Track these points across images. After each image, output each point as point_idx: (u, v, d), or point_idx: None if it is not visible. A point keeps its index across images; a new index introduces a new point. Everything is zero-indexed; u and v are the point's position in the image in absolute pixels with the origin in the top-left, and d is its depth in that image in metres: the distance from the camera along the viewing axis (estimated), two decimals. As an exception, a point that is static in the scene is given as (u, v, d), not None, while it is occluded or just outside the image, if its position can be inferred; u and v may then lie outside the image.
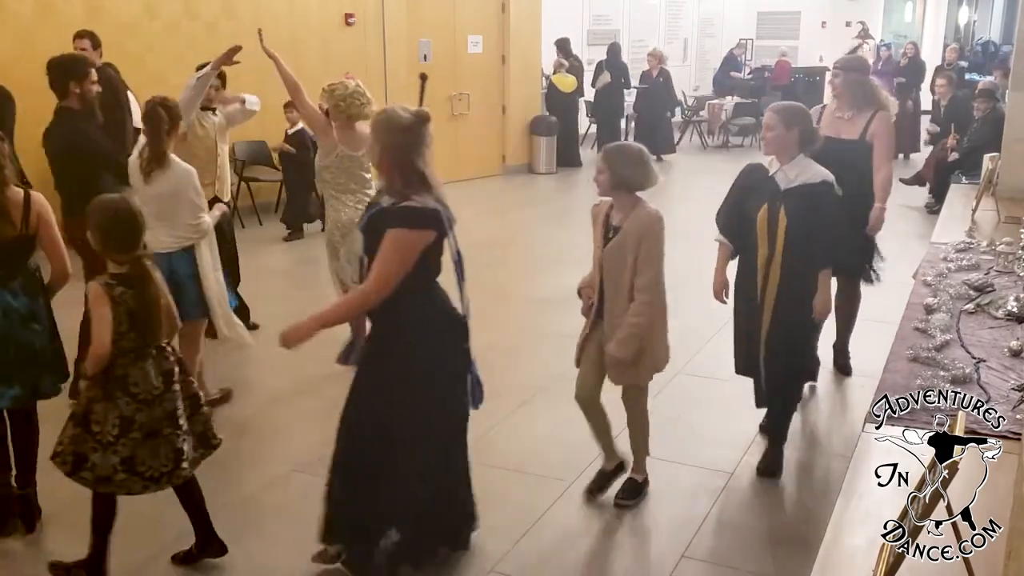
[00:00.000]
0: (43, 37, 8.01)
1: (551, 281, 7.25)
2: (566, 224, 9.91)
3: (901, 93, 13.50)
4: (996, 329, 3.41)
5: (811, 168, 3.86)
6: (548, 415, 4.82)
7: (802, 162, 3.88)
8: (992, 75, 11.97)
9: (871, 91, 4.79)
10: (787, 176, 3.87)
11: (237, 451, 4.30)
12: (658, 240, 3.60)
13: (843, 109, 4.81)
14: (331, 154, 5.09)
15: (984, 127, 9.05)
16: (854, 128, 4.74)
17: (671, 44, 17.04)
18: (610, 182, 3.60)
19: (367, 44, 10.72)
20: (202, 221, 4.47)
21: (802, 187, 3.83)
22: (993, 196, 5.63)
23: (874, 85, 4.84)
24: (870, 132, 4.71)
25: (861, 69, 4.90)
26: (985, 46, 20.19)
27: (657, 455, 4.28)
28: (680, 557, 3.49)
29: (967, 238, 4.76)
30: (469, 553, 3.49)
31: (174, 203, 4.36)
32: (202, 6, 9.20)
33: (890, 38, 19.62)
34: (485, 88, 12.35)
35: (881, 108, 4.75)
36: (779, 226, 3.84)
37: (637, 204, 3.63)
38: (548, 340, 5.99)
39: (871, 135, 4.71)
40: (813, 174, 3.84)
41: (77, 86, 4.77)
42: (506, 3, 12.31)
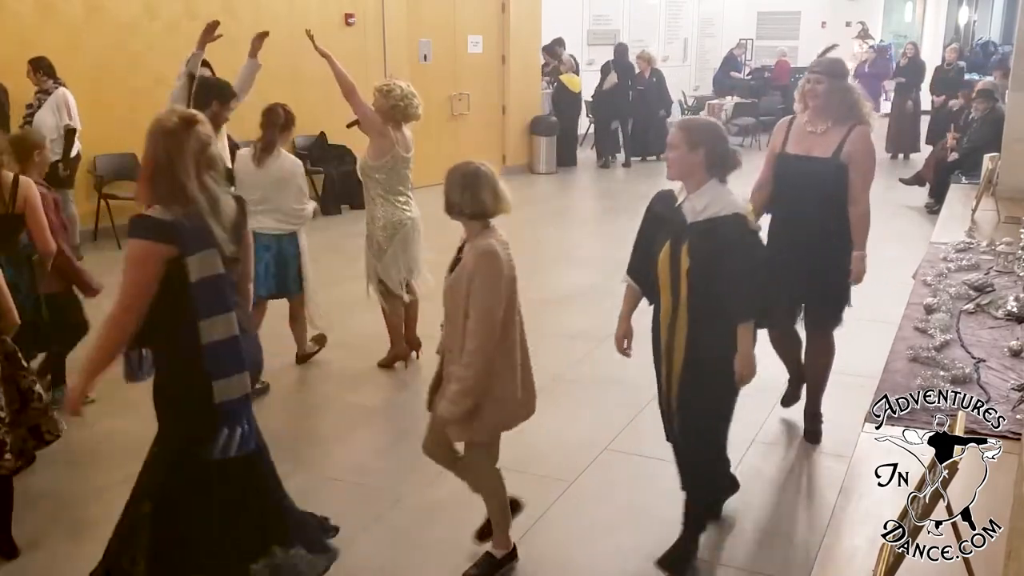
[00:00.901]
0: (43, 37, 8.01)
1: (551, 281, 7.25)
2: (566, 224, 9.91)
3: (901, 93, 13.51)
4: (996, 329, 3.41)
5: (723, 198, 3.14)
6: (548, 415, 4.80)
7: (712, 190, 3.15)
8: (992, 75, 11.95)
9: (854, 101, 4.01)
10: (694, 207, 3.15)
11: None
12: (488, 277, 3.03)
13: (817, 121, 4.01)
14: (386, 155, 5.07)
15: (983, 127, 9.04)
16: (827, 144, 3.96)
17: (671, 44, 17.05)
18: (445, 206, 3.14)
19: (367, 44, 10.72)
20: (306, 208, 5.07)
21: (709, 221, 3.10)
22: (993, 196, 5.64)
23: (859, 95, 4.06)
24: (846, 151, 3.92)
25: (845, 74, 4.15)
26: (985, 46, 20.18)
27: (657, 455, 4.28)
28: (680, 557, 3.49)
29: (967, 238, 4.76)
30: (470, 553, 3.49)
31: (281, 190, 4.94)
32: (202, 6, 9.19)
33: (890, 38, 19.62)
34: (485, 88, 12.35)
35: (861, 122, 3.97)
36: (681, 269, 3.14)
37: (480, 233, 3.11)
38: (548, 340, 5.98)
39: (847, 155, 3.92)
40: (724, 205, 3.11)
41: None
42: (506, 3, 12.31)
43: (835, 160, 3.93)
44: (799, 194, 4.00)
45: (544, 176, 12.56)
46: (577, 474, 4.11)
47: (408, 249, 5.20)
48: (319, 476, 4.12)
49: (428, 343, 5.79)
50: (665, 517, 3.77)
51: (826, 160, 3.95)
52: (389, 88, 5.08)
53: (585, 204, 11.34)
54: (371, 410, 4.97)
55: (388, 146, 5.06)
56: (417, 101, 5.13)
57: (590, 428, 4.61)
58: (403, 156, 5.12)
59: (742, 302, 3.11)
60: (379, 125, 5.09)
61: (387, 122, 5.08)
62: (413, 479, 4.07)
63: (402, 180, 5.17)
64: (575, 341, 5.86)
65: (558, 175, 12.68)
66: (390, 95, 5.04)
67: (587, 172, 13.11)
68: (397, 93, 5.05)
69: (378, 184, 5.13)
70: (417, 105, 5.12)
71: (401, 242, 5.16)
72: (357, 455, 4.39)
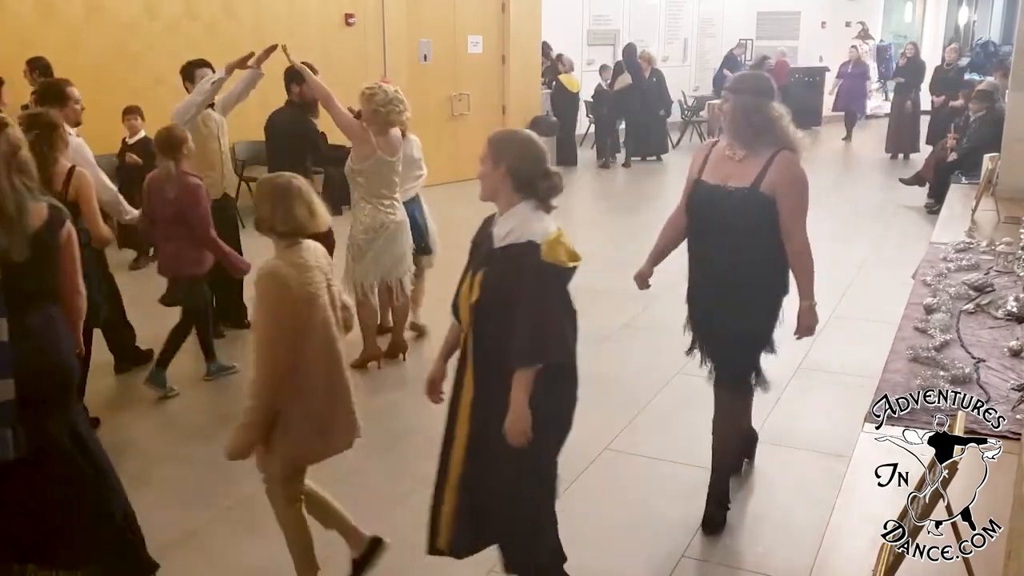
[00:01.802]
0: (43, 37, 8.01)
1: (551, 281, 7.24)
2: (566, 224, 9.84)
3: (901, 93, 13.52)
4: (996, 329, 3.41)
5: (527, 224, 2.72)
6: (548, 415, 4.81)
7: (520, 214, 2.74)
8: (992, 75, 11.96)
9: (766, 124, 3.40)
10: (499, 232, 2.76)
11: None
12: (265, 302, 2.83)
13: (735, 146, 3.48)
14: (368, 159, 5.08)
15: (982, 127, 9.05)
16: (745, 173, 3.42)
17: (671, 44, 17.05)
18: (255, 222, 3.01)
19: (367, 44, 10.72)
20: (423, 173, 5.86)
21: (508, 248, 2.71)
22: (993, 196, 5.64)
23: (776, 115, 3.44)
24: (768, 181, 3.37)
25: (759, 91, 3.47)
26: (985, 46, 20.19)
27: (657, 455, 4.28)
28: (680, 557, 3.49)
29: (967, 238, 4.76)
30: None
31: (409, 163, 5.53)
32: (202, 6, 9.20)
33: (890, 38, 19.64)
34: (485, 88, 12.35)
35: (786, 147, 3.43)
36: (471, 303, 2.76)
37: (282, 253, 2.94)
38: (548, 340, 5.98)
39: (770, 185, 3.37)
40: (524, 232, 2.70)
41: None
42: (506, 3, 12.31)
43: (754, 192, 3.37)
44: (710, 228, 3.49)
45: (544, 176, 12.55)
46: (577, 474, 4.10)
47: (390, 252, 5.20)
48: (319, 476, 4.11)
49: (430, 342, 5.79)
50: (665, 517, 3.77)
51: (742, 191, 3.39)
52: (372, 92, 5.08)
53: (585, 204, 11.33)
54: (371, 410, 4.96)
55: (369, 150, 5.06)
56: (402, 107, 5.11)
57: (590, 428, 4.59)
58: (386, 160, 5.11)
59: (519, 343, 2.64)
60: (358, 129, 5.09)
61: (370, 126, 5.08)
62: (412, 479, 4.07)
63: (386, 183, 5.16)
64: (575, 341, 5.84)
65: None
66: (372, 100, 5.04)
67: (587, 172, 13.11)
68: (380, 98, 5.04)
69: (360, 187, 5.15)
70: (401, 111, 5.10)
71: (382, 245, 5.16)
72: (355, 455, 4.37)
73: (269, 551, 3.56)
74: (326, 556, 3.32)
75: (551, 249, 2.69)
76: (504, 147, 2.76)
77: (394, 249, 5.22)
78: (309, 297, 2.89)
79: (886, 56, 18.71)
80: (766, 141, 3.41)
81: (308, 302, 2.88)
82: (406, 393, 5.11)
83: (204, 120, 5.58)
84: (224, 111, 5.80)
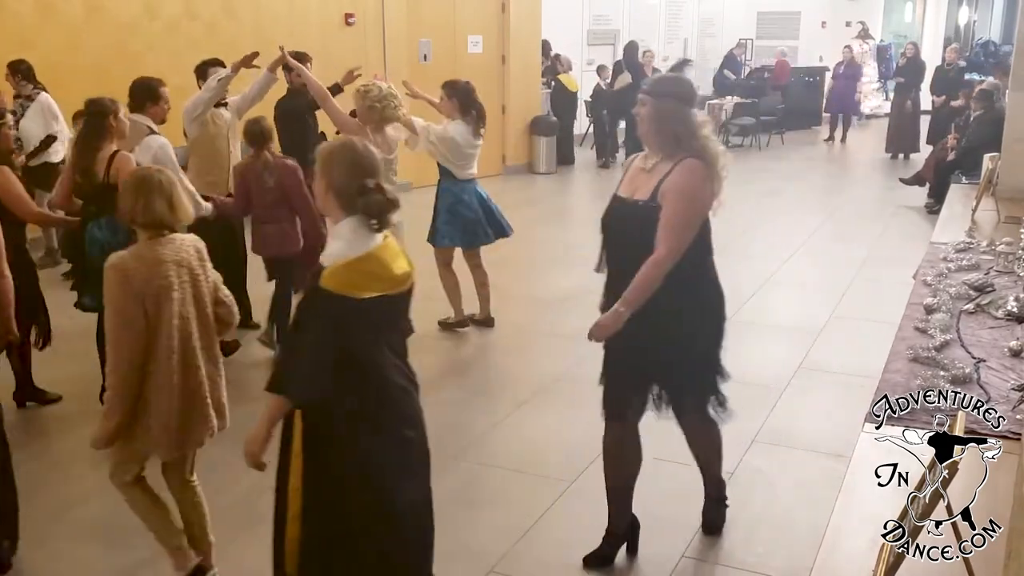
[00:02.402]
0: (43, 37, 8.01)
1: (551, 281, 7.25)
2: (566, 224, 9.91)
3: (901, 93, 13.52)
4: (996, 329, 3.41)
5: (337, 243, 2.49)
6: (548, 415, 4.82)
7: (338, 232, 2.53)
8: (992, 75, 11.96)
9: (686, 129, 3.10)
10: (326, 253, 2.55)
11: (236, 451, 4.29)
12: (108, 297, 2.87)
13: (649, 154, 3.21)
14: None
15: (980, 127, 9.05)
16: (650, 183, 3.13)
17: (671, 44, 17.04)
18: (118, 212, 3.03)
19: (367, 44, 10.72)
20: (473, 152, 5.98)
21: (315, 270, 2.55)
22: (993, 196, 5.63)
23: (693, 123, 3.13)
24: (663, 189, 3.07)
25: (682, 96, 3.16)
26: (985, 46, 20.18)
27: (657, 455, 4.28)
28: (680, 557, 3.49)
29: (967, 238, 4.75)
30: (469, 553, 3.49)
31: (458, 147, 5.68)
32: (202, 6, 9.20)
33: (890, 38, 19.63)
34: (485, 88, 12.25)
35: (693, 154, 3.10)
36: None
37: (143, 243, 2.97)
38: (548, 340, 5.99)
39: (662, 193, 3.07)
40: (328, 252, 2.49)
41: None
42: (506, 3, 12.31)
43: (649, 203, 3.09)
44: (618, 246, 3.25)
45: (544, 176, 12.56)
46: (577, 474, 4.10)
47: None
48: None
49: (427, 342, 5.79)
50: (665, 517, 3.77)
51: (638, 204, 3.11)
52: (367, 89, 5.11)
53: (585, 204, 11.33)
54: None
55: None
56: (396, 102, 5.13)
57: (590, 428, 4.58)
58: (384, 158, 5.10)
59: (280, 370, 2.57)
60: (353, 127, 5.10)
61: (366, 124, 5.08)
62: (413, 479, 4.07)
63: (385, 182, 5.17)
64: (575, 341, 5.82)
65: (558, 175, 12.68)
66: (367, 96, 5.06)
67: (587, 172, 13.11)
68: (374, 94, 5.07)
69: None
70: (396, 106, 5.12)
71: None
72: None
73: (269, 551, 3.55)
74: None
75: (333, 274, 2.40)
76: (326, 160, 2.56)
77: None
78: (158, 291, 2.89)
79: (886, 56, 18.69)
80: (676, 147, 3.10)
81: (156, 297, 2.89)
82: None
83: (213, 118, 5.63)
84: (239, 113, 5.84)
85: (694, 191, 3.08)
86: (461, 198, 5.76)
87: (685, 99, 3.15)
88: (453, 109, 5.70)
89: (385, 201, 2.51)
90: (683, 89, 3.19)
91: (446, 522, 3.73)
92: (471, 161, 5.83)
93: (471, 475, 4.15)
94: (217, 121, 5.66)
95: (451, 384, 5.23)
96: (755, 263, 7.72)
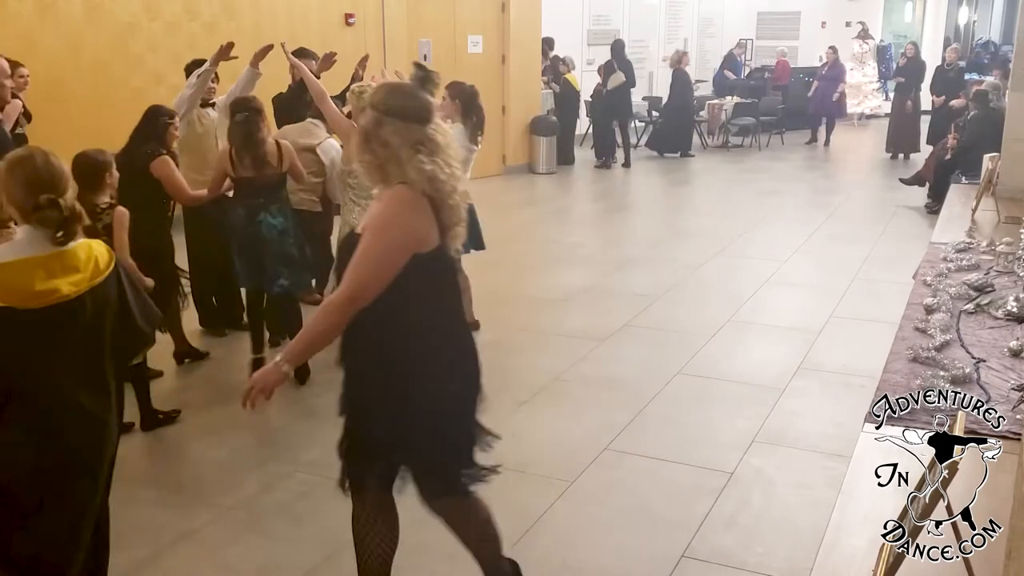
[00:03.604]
0: (43, 37, 8.01)
1: (551, 281, 7.25)
2: (566, 224, 9.91)
3: (901, 93, 13.53)
4: (996, 329, 3.41)
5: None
6: (548, 415, 4.82)
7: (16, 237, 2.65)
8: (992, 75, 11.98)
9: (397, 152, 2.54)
10: None
11: (237, 451, 4.31)
12: None
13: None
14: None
15: (976, 126, 9.06)
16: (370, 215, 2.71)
17: (671, 44, 17.06)
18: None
19: (367, 44, 10.71)
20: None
21: None
22: (993, 196, 5.63)
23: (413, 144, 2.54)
24: (365, 220, 2.65)
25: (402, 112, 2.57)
26: (985, 46, 20.20)
27: (657, 455, 4.28)
28: (680, 557, 3.49)
29: (967, 238, 4.75)
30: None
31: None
32: (202, 6, 9.20)
33: (890, 38, 19.63)
34: (485, 88, 12.26)
35: (403, 180, 2.55)
36: None
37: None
38: (548, 340, 5.99)
39: (364, 224, 2.62)
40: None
41: None
42: (506, 3, 12.31)
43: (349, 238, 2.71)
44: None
45: (544, 176, 12.56)
46: (577, 474, 4.11)
47: None
48: (319, 476, 4.12)
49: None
50: (665, 517, 3.77)
51: (357, 237, 2.62)
52: (361, 89, 5.11)
53: (585, 204, 11.33)
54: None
55: None
56: None
57: (590, 428, 4.61)
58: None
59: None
60: (347, 128, 5.09)
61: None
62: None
63: None
64: (575, 341, 5.86)
65: (558, 175, 12.68)
66: (361, 96, 5.05)
67: (587, 172, 13.11)
68: (367, 95, 5.06)
69: (351, 189, 5.14)
70: None
71: None
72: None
73: (269, 551, 3.56)
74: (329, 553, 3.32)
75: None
76: (5, 175, 2.56)
77: None
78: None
79: (886, 56, 18.70)
80: (396, 176, 2.57)
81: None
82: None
83: (199, 118, 5.64)
84: (227, 112, 5.82)
85: (388, 222, 2.54)
86: None
87: (412, 118, 2.58)
88: (455, 111, 5.66)
89: (60, 217, 2.47)
90: (412, 105, 2.60)
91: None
92: (465, 168, 5.78)
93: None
94: (204, 120, 5.67)
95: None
96: (755, 263, 7.72)
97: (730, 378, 5.22)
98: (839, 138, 15.70)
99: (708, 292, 6.89)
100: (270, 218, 4.93)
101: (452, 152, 2.64)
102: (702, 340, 5.77)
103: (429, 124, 2.59)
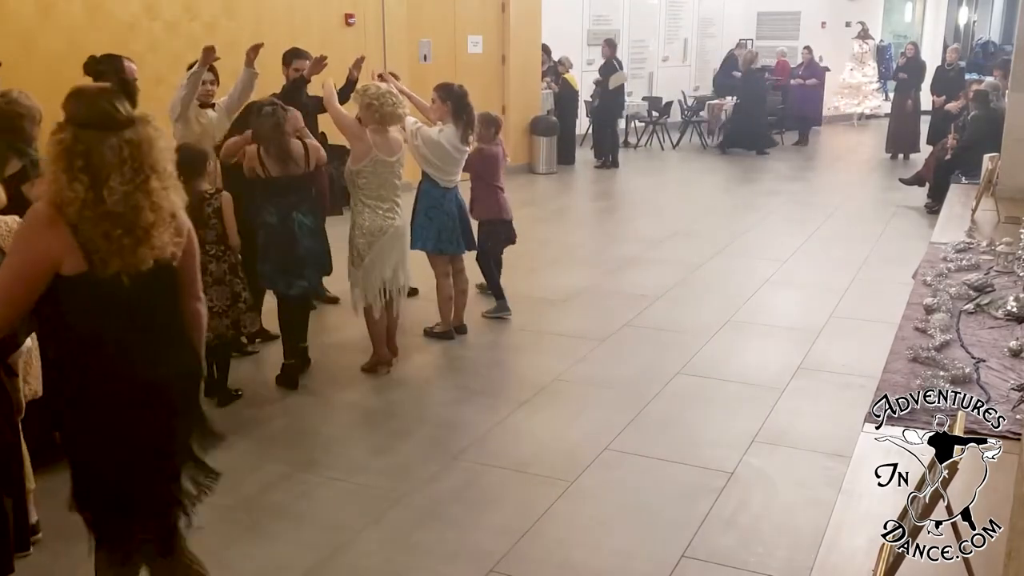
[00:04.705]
0: (43, 37, 8.00)
1: (551, 281, 7.25)
2: (566, 224, 9.91)
3: (901, 92, 13.52)
4: (996, 329, 3.40)
5: None
6: (548, 415, 4.82)
7: None
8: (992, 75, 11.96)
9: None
10: None
11: (237, 452, 4.30)
12: None
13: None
14: (364, 159, 5.02)
15: (975, 126, 9.05)
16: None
17: (671, 44, 17.05)
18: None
19: (367, 44, 10.71)
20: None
21: None
22: (993, 196, 5.63)
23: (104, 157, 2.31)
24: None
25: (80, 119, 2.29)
26: (985, 46, 20.19)
27: (657, 455, 4.28)
28: (680, 557, 3.49)
29: (967, 238, 4.75)
30: (469, 553, 3.49)
31: (448, 153, 5.69)
32: (202, 6, 9.19)
33: (890, 38, 19.63)
34: (485, 88, 12.34)
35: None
36: None
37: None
38: (548, 340, 5.99)
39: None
40: None
41: None
42: (506, 3, 12.31)
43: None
44: None
45: (544, 176, 12.56)
46: (577, 474, 4.11)
47: (386, 257, 5.13)
48: (319, 476, 4.12)
49: (427, 342, 5.80)
50: (665, 517, 3.77)
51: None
52: (365, 88, 5.10)
53: (585, 204, 11.33)
54: (370, 410, 4.98)
55: (365, 149, 5.02)
56: (395, 99, 5.08)
57: (590, 428, 4.61)
58: (384, 160, 5.06)
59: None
60: (354, 128, 5.08)
61: (367, 124, 5.07)
62: (413, 479, 4.07)
63: (385, 185, 5.10)
64: (575, 341, 5.86)
65: (558, 175, 12.68)
66: (365, 95, 5.05)
67: (587, 172, 13.10)
68: (372, 92, 5.05)
69: (360, 190, 5.09)
70: (394, 103, 5.06)
71: (380, 251, 5.10)
72: (356, 455, 4.40)
73: (269, 551, 3.56)
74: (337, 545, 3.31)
75: None
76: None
77: (391, 255, 5.15)
78: None
79: (886, 56, 18.70)
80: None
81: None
82: (406, 394, 5.12)
83: (197, 118, 5.61)
84: (228, 113, 5.81)
85: (16, 241, 2.37)
86: (440, 203, 5.68)
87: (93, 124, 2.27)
88: (445, 113, 5.65)
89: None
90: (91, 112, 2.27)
91: (446, 522, 3.74)
92: (456, 169, 5.75)
93: (471, 475, 4.15)
94: (201, 120, 5.64)
95: (451, 384, 5.23)
96: (755, 263, 7.72)
97: (730, 378, 5.22)
98: (838, 138, 15.68)
99: (708, 292, 6.89)
100: (302, 217, 4.92)
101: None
102: (702, 340, 5.77)
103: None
